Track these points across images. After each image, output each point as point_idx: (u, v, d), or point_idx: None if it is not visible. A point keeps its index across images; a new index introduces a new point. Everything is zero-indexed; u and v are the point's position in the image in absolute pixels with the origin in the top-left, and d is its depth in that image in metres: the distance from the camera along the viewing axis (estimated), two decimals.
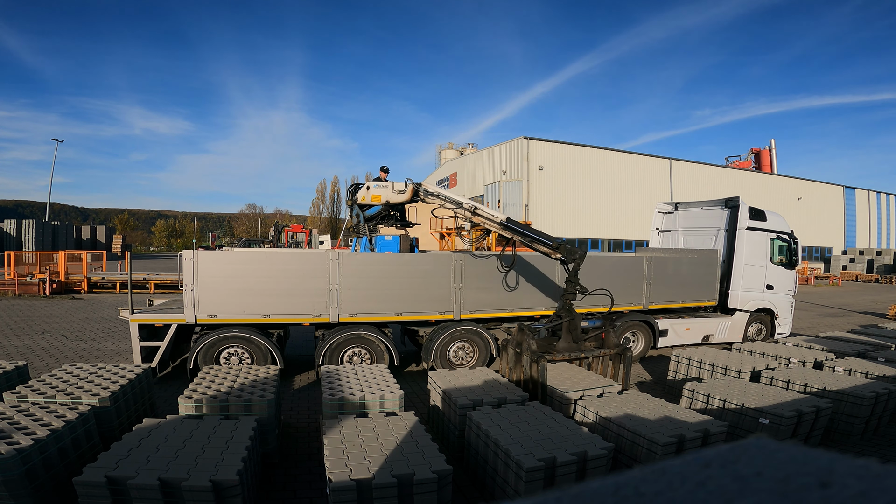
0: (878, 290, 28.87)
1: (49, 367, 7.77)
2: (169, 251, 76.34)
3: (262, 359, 6.91)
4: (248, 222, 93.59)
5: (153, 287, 17.85)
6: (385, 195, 7.86)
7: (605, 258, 9.19)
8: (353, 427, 4.16)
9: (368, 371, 5.72)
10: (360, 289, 7.25)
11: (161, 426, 4.01)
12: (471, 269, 7.76)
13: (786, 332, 10.65)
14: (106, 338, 10.31)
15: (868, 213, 46.13)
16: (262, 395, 4.78)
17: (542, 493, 0.45)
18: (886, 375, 6.26)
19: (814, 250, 41.84)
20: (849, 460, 0.42)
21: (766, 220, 10.27)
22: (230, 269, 6.90)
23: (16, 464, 3.33)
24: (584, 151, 32.27)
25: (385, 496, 3.35)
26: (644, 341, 9.21)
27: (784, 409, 4.95)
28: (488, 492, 4.23)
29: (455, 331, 7.68)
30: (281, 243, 31.50)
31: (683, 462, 0.45)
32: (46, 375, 5.09)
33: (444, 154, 49.89)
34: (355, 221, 8.30)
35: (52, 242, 39.17)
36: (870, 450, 5.48)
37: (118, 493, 3.21)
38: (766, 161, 50.31)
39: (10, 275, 17.62)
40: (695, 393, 5.70)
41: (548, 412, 4.70)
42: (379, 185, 7.91)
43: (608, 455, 4.00)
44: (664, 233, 11.88)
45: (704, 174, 36.68)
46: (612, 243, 32.09)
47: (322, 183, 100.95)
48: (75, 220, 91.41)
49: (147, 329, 6.96)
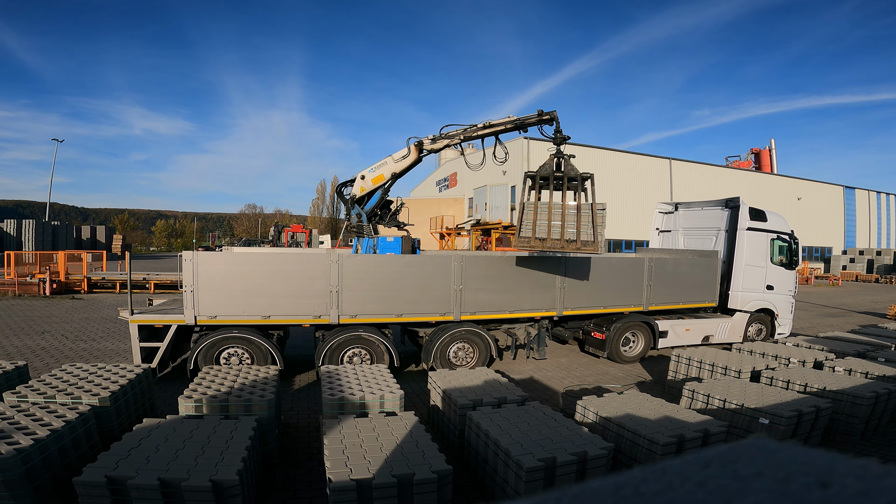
0: (878, 290, 28.86)
1: (49, 367, 7.77)
2: (169, 251, 76.33)
3: (262, 359, 6.90)
4: (248, 222, 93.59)
5: (153, 287, 17.85)
6: (387, 170, 7.66)
7: (605, 259, 9.19)
8: (353, 427, 4.16)
9: (368, 371, 5.72)
10: (360, 290, 7.24)
11: (161, 426, 4.00)
12: (471, 270, 7.75)
13: (786, 332, 10.65)
14: (106, 338, 10.31)
15: (868, 213, 46.14)
16: (262, 396, 4.77)
17: (542, 493, 0.45)
18: (886, 375, 6.26)
19: (814, 250, 41.83)
20: (849, 460, 0.42)
21: (766, 221, 10.27)
22: (230, 269, 6.89)
23: (16, 464, 3.33)
24: (584, 151, 32.24)
25: (385, 496, 3.35)
26: (644, 342, 9.21)
27: (784, 409, 4.94)
28: (488, 492, 4.23)
29: (455, 332, 7.67)
30: (281, 243, 31.51)
31: (683, 462, 0.45)
32: (46, 375, 5.09)
33: (444, 154, 49.89)
34: (355, 221, 8.14)
35: (52, 242, 39.15)
36: (870, 450, 5.48)
37: (118, 493, 3.21)
38: (766, 161, 50.32)
39: (10, 275, 17.62)
40: (695, 393, 5.70)
41: (548, 412, 4.70)
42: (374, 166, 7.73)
43: (608, 455, 4.00)
44: (664, 233, 11.88)
45: (704, 174, 36.68)
46: (612, 243, 32.08)
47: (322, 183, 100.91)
48: (75, 220, 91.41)
49: (147, 329, 6.96)
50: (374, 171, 7.76)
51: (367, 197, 8.18)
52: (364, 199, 8.20)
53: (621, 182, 32.52)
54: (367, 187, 7.90)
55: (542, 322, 8.41)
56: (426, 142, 7.54)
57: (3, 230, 37.85)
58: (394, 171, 7.72)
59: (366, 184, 7.82)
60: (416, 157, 7.66)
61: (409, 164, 7.70)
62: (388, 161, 7.72)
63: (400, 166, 7.67)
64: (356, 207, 8.24)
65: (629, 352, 9.17)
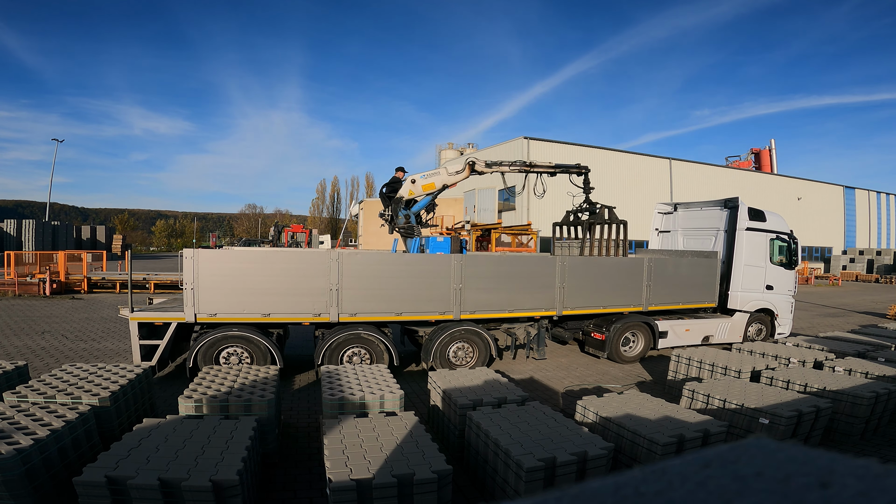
0: (878, 290, 28.87)
1: (49, 367, 7.77)
2: (169, 251, 76.33)
3: (262, 358, 6.91)
4: (248, 222, 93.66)
5: (153, 287, 17.85)
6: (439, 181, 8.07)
7: (605, 259, 9.20)
8: (353, 427, 4.16)
9: (368, 371, 5.72)
10: (359, 288, 7.24)
11: (161, 426, 4.00)
12: (471, 269, 7.76)
13: (786, 332, 10.65)
14: (106, 338, 10.31)
15: (868, 213, 46.16)
16: (262, 395, 4.78)
17: (542, 493, 0.45)
18: (886, 375, 6.26)
19: (814, 250, 41.84)
20: (849, 460, 0.42)
21: (765, 221, 10.27)
22: (230, 267, 6.90)
23: (16, 464, 3.33)
24: (584, 151, 32.28)
25: (385, 496, 3.35)
26: (644, 342, 9.22)
27: (784, 409, 4.95)
28: (488, 492, 4.23)
29: (455, 331, 7.67)
30: (281, 243, 31.54)
31: (683, 462, 0.45)
32: (46, 375, 5.09)
33: (444, 154, 49.95)
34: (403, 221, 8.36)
35: (52, 242, 39.16)
36: (870, 450, 5.48)
37: (118, 493, 3.21)
38: (766, 161, 50.34)
39: (10, 275, 17.61)
40: (695, 393, 5.70)
41: (548, 412, 4.70)
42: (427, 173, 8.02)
43: (608, 455, 4.00)
44: (664, 233, 11.88)
45: (704, 174, 36.69)
46: None
47: (322, 183, 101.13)
48: (75, 220, 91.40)
49: (147, 327, 6.96)
50: (427, 178, 8.08)
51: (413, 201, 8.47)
52: (411, 202, 8.46)
53: (621, 182, 32.52)
54: (416, 192, 8.28)
55: (541, 322, 8.41)
56: (479, 164, 8.00)
57: (3, 230, 37.86)
58: (446, 182, 8.16)
59: (416, 188, 8.17)
60: (468, 175, 8.16)
61: (460, 179, 8.20)
62: (441, 172, 8.10)
63: (452, 180, 8.08)
64: (403, 209, 8.40)
65: (629, 352, 9.17)
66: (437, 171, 7.98)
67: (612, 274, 8.99)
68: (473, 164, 8.05)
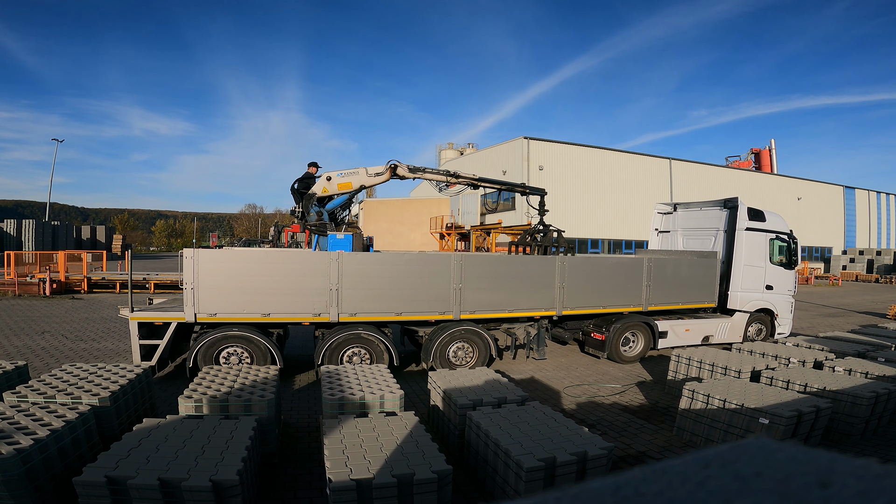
0: (878, 290, 28.87)
1: (49, 367, 7.77)
2: (169, 251, 76.30)
3: (262, 358, 6.90)
4: (248, 222, 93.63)
5: (153, 287, 17.85)
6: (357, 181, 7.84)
7: (604, 259, 9.21)
8: (353, 427, 4.15)
9: (368, 371, 5.72)
10: (359, 288, 7.24)
11: (161, 426, 4.00)
12: (471, 269, 7.75)
13: (786, 332, 10.65)
14: (106, 338, 10.30)
15: (868, 213, 46.14)
16: (262, 395, 4.77)
17: (542, 493, 0.45)
18: (886, 375, 6.26)
19: (814, 250, 41.83)
20: (849, 460, 0.42)
21: (765, 221, 10.26)
22: (230, 267, 6.90)
23: (16, 464, 3.33)
24: (583, 151, 32.27)
25: (385, 496, 3.35)
26: (644, 342, 9.21)
27: (784, 409, 4.94)
28: (488, 492, 4.22)
29: (455, 331, 7.67)
30: (281, 243, 31.49)
31: (683, 462, 0.45)
32: (46, 375, 5.09)
33: (443, 154, 49.90)
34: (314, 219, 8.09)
35: (52, 242, 39.14)
36: (870, 450, 5.48)
37: (118, 493, 3.21)
38: (766, 161, 50.35)
39: (10, 275, 17.61)
40: (695, 393, 5.70)
41: (548, 412, 4.70)
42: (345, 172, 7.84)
43: (608, 455, 4.00)
44: (663, 234, 11.87)
45: (704, 174, 36.68)
46: (612, 243, 32.06)
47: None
48: (75, 220, 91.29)
49: (147, 327, 6.96)
50: (344, 177, 7.87)
51: (328, 198, 8.21)
52: (326, 199, 8.23)
53: (621, 182, 32.52)
54: (330, 190, 7.95)
55: (541, 322, 8.41)
56: (402, 168, 7.81)
57: (3, 230, 37.85)
58: (364, 183, 7.95)
59: (331, 186, 7.88)
60: (388, 178, 7.96)
61: (380, 182, 8.00)
62: (360, 172, 7.87)
63: (371, 181, 7.89)
64: (316, 206, 8.18)
65: (629, 352, 9.17)
66: (356, 171, 7.75)
67: (611, 274, 8.99)
68: (395, 168, 7.82)
